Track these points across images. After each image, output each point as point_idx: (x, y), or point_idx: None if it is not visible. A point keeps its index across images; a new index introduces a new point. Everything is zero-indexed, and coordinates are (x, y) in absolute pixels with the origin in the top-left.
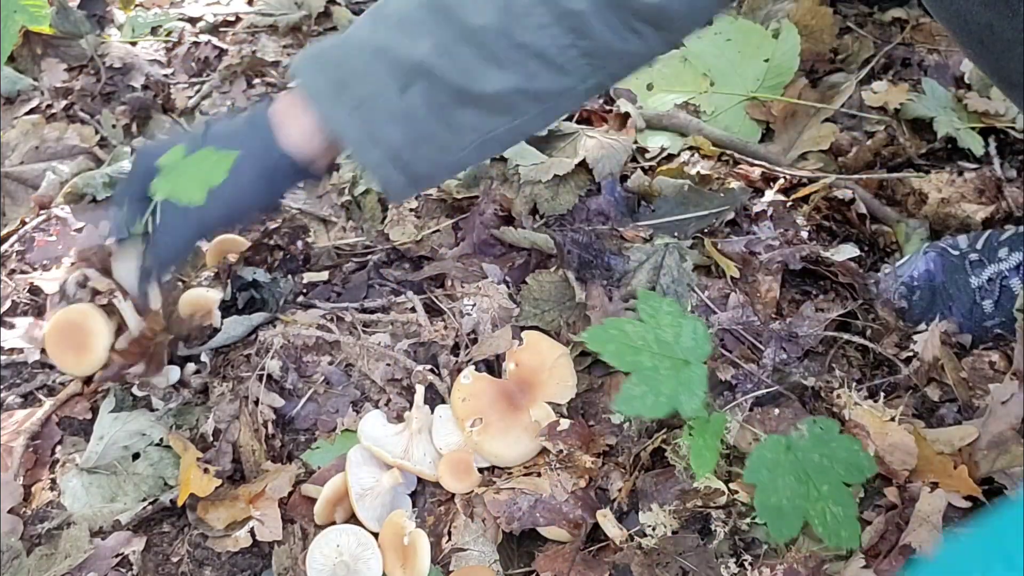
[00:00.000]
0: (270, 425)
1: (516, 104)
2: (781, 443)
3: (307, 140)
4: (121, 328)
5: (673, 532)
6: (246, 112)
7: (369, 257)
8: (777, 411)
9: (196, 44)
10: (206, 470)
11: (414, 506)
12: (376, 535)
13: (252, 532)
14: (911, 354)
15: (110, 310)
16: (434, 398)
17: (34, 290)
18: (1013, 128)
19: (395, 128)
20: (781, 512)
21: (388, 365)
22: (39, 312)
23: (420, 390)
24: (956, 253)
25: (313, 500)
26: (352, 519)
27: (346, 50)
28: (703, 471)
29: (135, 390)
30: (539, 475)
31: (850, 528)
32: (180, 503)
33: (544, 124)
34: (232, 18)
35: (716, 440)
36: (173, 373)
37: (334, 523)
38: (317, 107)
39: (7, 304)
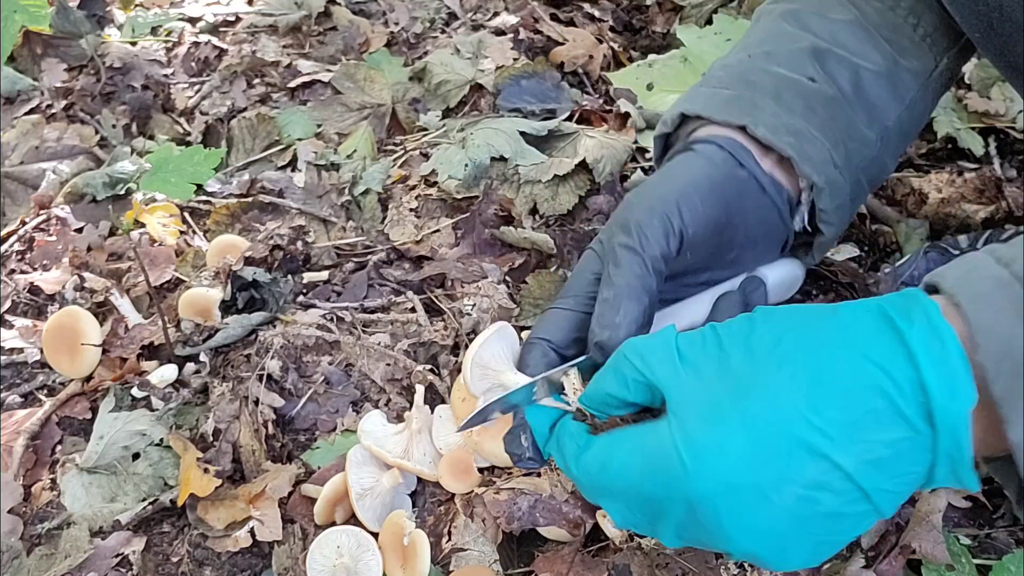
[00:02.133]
0: (270, 425)
1: (889, 91)
2: None
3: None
4: (116, 327)
5: None
6: None
7: (369, 257)
8: None
9: (196, 44)
10: (206, 470)
11: (414, 506)
12: (376, 535)
13: (252, 532)
14: None
15: (108, 309)
16: (434, 398)
17: (34, 290)
18: (1013, 128)
19: (817, 119)
20: None
21: (388, 365)
22: (39, 312)
23: (420, 390)
24: (956, 253)
25: (313, 500)
26: (352, 519)
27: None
28: None
29: (135, 390)
30: (539, 475)
31: None
32: (180, 503)
33: (912, 129)
34: (232, 18)
35: None
36: (171, 372)
37: (334, 523)
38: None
39: (7, 304)
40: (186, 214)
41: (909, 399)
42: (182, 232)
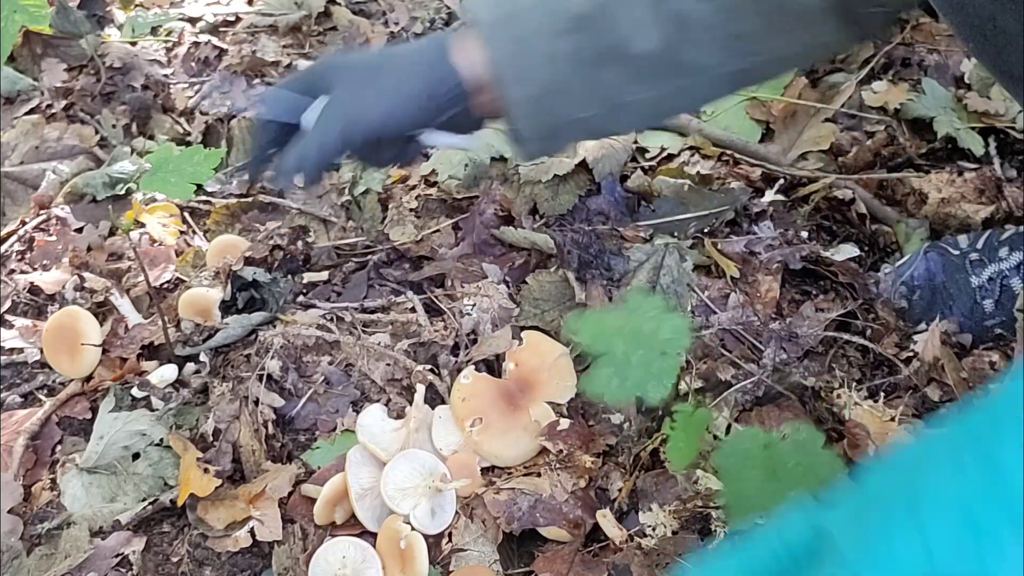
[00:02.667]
0: (270, 425)
1: (657, 71)
2: (759, 438)
3: (473, 67)
4: (116, 327)
5: (673, 532)
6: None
7: (369, 257)
8: (777, 411)
9: (196, 44)
10: (206, 470)
11: None
12: (375, 535)
13: (252, 532)
14: (911, 354)
15: (108, 309)
16: (434, 398)
17: (34, 290)
18: (1013, 128)
19: (543, 71)
20: (743, 500)
21: (388, 365)
22: (39, 312)
23: (420, 390)
24: (956, 253)
25: (313, 500)
26: (352, 519)
27: None
28: (680, 464)
29: (135, 390)
30: (539, 475)
31: None
32: (180, 503)
33: (680, 106)
34: (232, 18)
35: (698, 435)
36: (171, 372)
37: (334, 523)
38: (482, 33)
39: (7, 304)
40: (186, 214)
41: None
42: (182, 232)
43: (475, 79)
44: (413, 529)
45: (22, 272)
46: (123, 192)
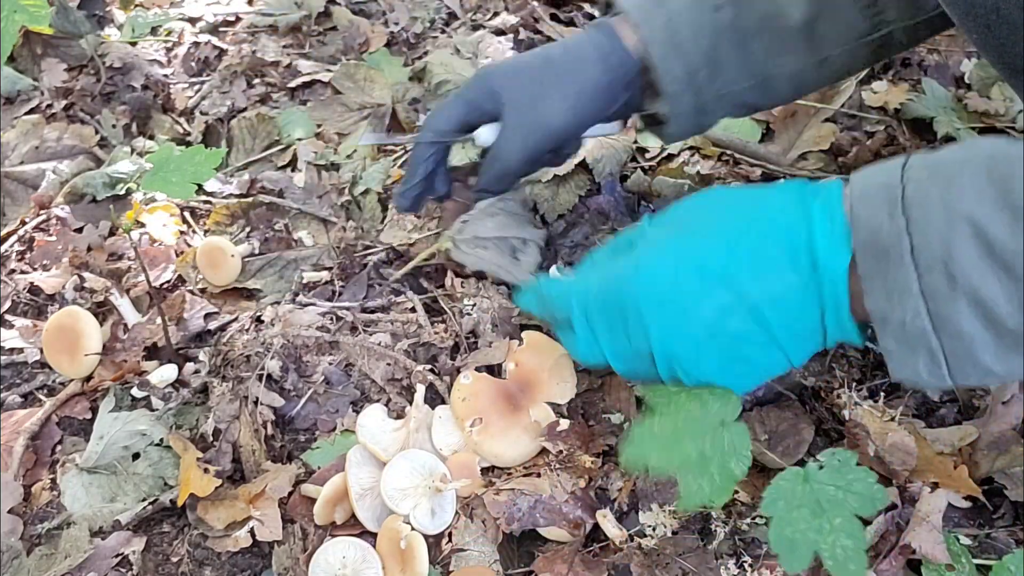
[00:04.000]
0: (270, 425)
1: (802, 43)
2: (800, 475)
3: (637, 48)
4: (116, 327)
5: (673, 532)
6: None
7: (369, 257)
8: (777, 411)
9: (196, 44)
10: (206, 470)
11: None
12: (375, 535)
13: (252, 532)
14: None
15: (108, 309)
16: (434, 398)
17: (34, 290)
18: (1013, 128)
19: (699, 43)
20: (794, 545)
21: (388, 365)
22: (39, 312)
23: (420, 390)
24: None
25: (313, 500)
26: (352, 519)
27: None
28: (719, 501)
29: (135, 390)
30: (539, 475)
31: (858, 561)
32: (180, 503)
33: (821, 78)
34: (232, 18)
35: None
36: (171, 372)
37: (334, 523)
38: (633, 16)
39: (7, 304)
40: (186, 214)
41: (802, 254)
42: (182, 232)
43: (644, 59)
44: (413, 529)
45: (22, 272)
46: (123, 192)
